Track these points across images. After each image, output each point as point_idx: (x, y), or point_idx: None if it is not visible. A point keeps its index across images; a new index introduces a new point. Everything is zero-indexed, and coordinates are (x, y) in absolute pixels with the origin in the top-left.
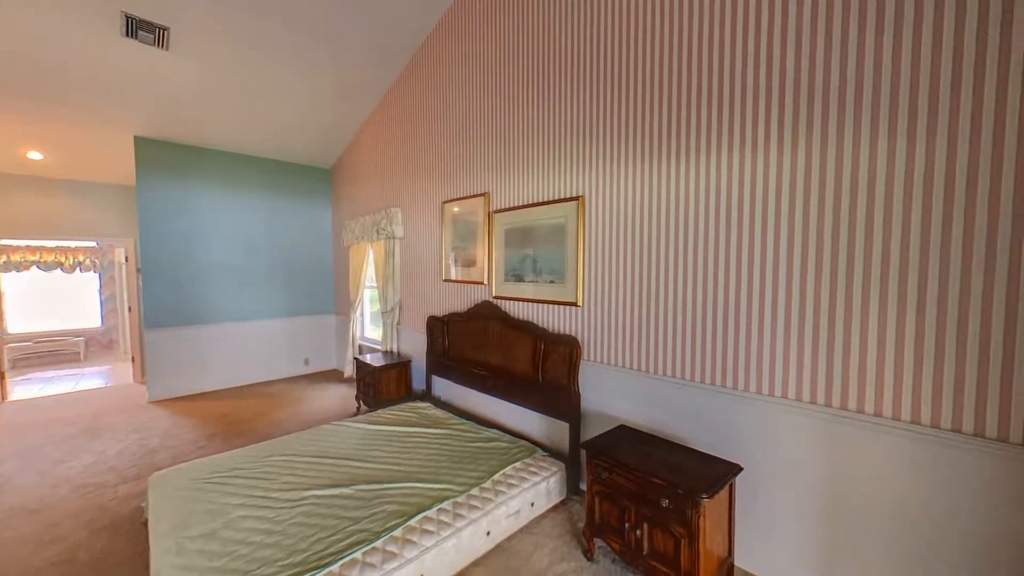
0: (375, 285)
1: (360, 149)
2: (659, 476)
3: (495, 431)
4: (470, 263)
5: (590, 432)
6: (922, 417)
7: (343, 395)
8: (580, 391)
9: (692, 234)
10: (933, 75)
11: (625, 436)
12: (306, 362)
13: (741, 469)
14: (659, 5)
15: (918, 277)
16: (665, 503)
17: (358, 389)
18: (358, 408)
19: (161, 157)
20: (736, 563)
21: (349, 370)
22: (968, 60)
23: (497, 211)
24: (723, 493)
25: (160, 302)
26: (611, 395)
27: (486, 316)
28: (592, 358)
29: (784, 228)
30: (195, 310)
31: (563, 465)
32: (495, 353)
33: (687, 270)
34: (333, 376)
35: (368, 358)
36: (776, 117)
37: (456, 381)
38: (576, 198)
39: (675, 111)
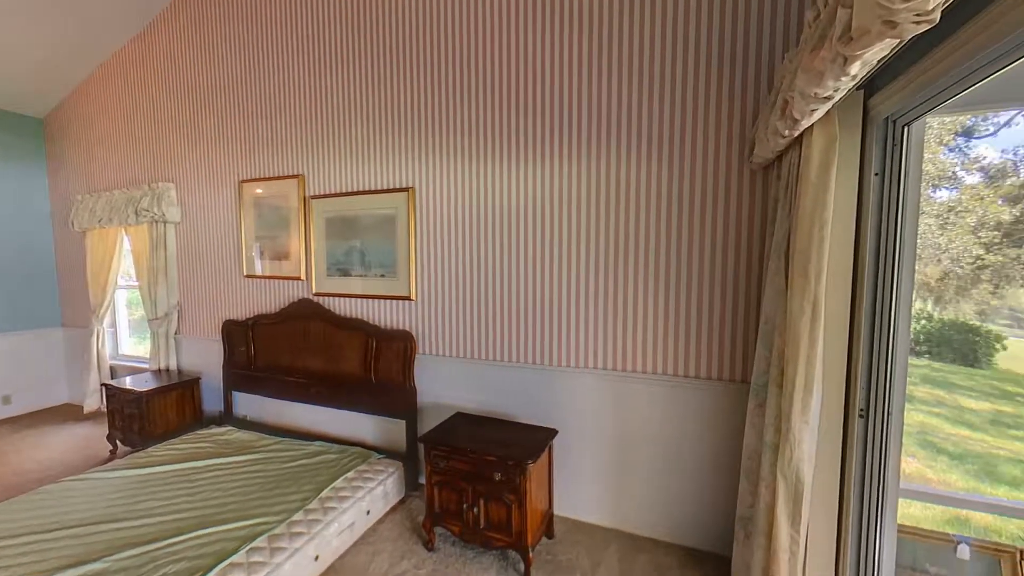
0: (136, 284)
1: (102, 96)
2: (492, 453)
3: (322, 443)
4: (282, 256)
5: (428, 424)
6: (669, 369)
7: (84, 438)
8: (416, 386)
9: (513, 229)
10: (663, 115)
11: (461, 422)
12: (6, 400)
13: (557, 432)
14: (484, 20)
15: (664, 268)
16: (498, 476)
17: (112, 426)
18: (113, 451)
19: None
20: (555, 512)
21: (94, 402)
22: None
23: (315, 197)
24: (544, 456)
25: None
26: (447, 385)
27: (306, 316)
28: (427, 351)
29: (583, 227)
30: None
31: (400, 464)
32: (319, 356)
33: (510, 262)
34: (63, 414)
35: (128, 382)
36: (575, 135)
37: (269, 395)
38: (406, 189)
39: (501, 117)
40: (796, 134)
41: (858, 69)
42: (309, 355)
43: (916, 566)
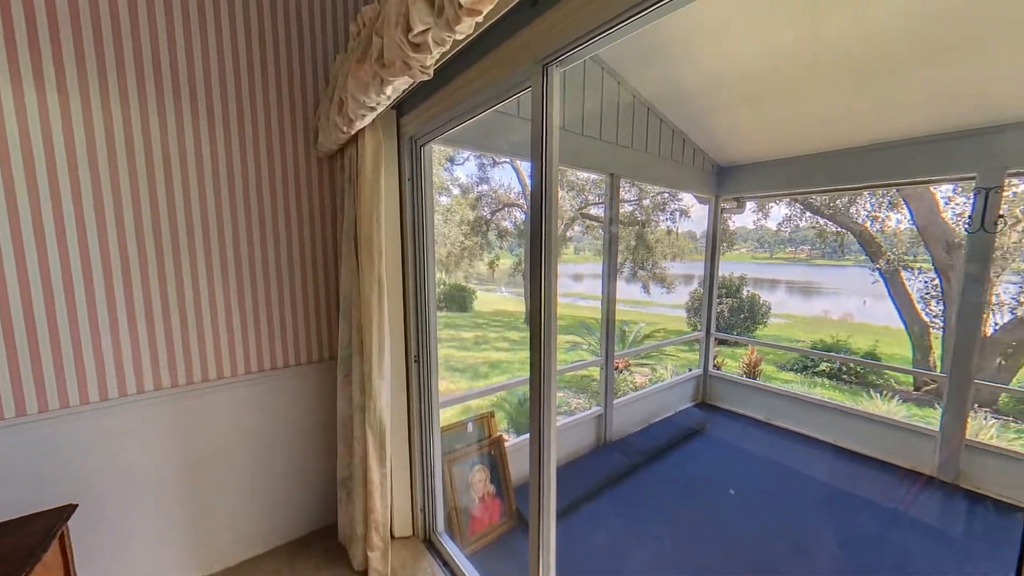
0: None
1: None
2: None
3: None
4: None
5: None
6: (254, 366)
7: None
8: None
9: None
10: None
11: None
12: None
13: (75, 506)
14: None
15: (238, 257)
16: None
17: None
18: None
19: None
20: None
21: None
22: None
23: None
24: (50, 558)
25: None
26: None
27: None
28: None
29: (106, 207)
30: None
31: None
32: None
33: None
34: None
35: None
36: (77, 56)
37: None
38: None
39: None
40: (353, 132)
41: (392, 92)
42: None
43: (450, 448)
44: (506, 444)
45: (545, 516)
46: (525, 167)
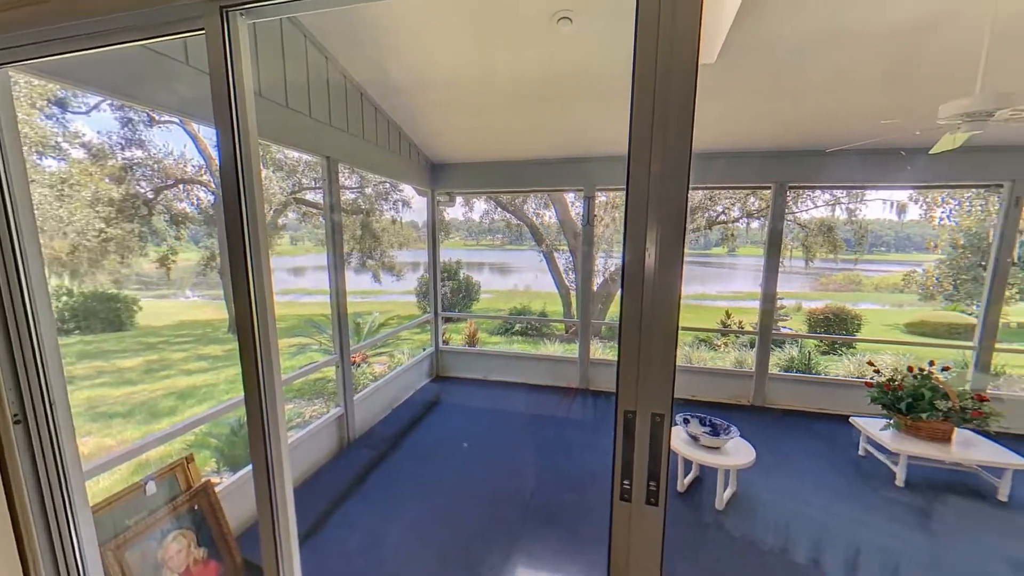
0: None
1: None
2: None
3: None
4: None
5: None
6: None
7: None
8: None
9: None
10: None
11: None
12: None
13: None
14: None
15: None
16: None
17: None
18: None
19: None
20: None
21: None
22: None
23: None
24: None
25: None
26: None
27: None
28: None
29: None
30: None
31: None
32: None
33: None
34: None
35: None
36: None
37: None
38: None
39: None
40: None
41: None
42: None
43: (119, 529)
44: (218, 487)
45: (284, 550)
46: (208, 135)
